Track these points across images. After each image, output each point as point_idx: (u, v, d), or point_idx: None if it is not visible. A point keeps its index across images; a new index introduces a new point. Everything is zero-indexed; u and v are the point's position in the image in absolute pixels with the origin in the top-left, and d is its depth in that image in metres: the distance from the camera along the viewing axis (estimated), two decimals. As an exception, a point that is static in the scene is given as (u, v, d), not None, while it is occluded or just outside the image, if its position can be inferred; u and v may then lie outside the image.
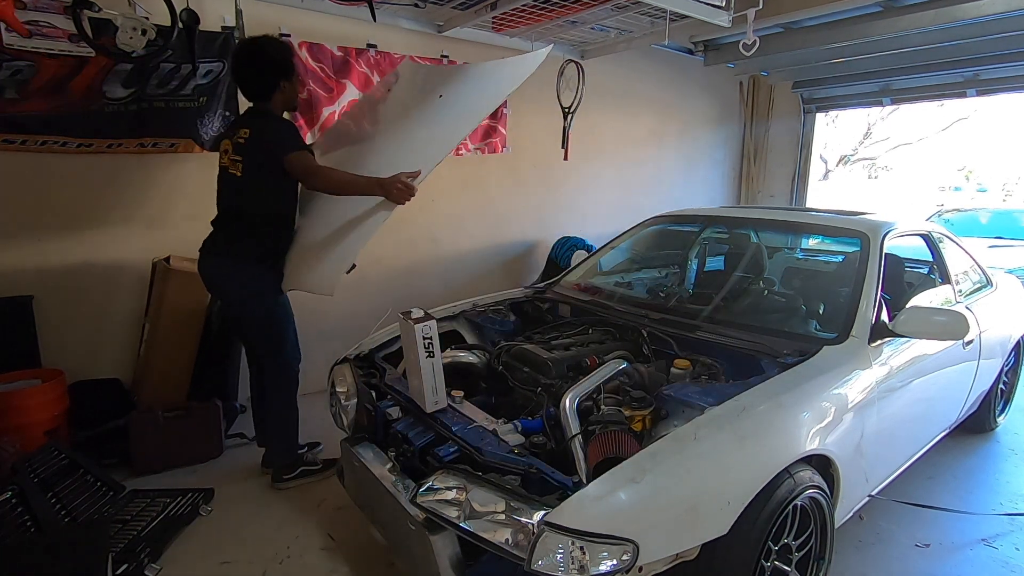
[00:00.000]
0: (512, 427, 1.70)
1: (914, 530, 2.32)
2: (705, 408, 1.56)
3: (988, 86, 5.31)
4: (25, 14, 2.46)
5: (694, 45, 4.99)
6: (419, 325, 1.76)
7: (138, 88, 2.80)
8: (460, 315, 2.54)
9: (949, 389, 2.45)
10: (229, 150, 2.31)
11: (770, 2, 3.33)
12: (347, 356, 2.25)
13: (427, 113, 2.51)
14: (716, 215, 3.02)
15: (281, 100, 2.36)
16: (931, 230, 2.72)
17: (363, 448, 1.92)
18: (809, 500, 1.61)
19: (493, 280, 4.46)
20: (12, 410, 2.40)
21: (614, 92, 4.93)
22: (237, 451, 2.87)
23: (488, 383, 2.18)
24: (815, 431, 1.63)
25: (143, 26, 2.45)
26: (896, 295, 2.44)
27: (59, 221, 2.78)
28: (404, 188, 2.18)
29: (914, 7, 3.76)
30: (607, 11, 3.42)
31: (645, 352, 2.10)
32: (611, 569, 1.25)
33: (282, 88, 2.33)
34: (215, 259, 2.36)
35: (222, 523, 2.31)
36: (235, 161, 2.27)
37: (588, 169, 4.97)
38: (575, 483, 1.41)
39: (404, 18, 3.59)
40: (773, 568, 1.57)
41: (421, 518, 1.50)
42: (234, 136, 2.29)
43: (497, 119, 4.25)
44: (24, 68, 2.55)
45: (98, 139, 2.77)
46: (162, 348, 2.80)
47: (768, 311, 2.34)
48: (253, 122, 2.30)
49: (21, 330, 2.67)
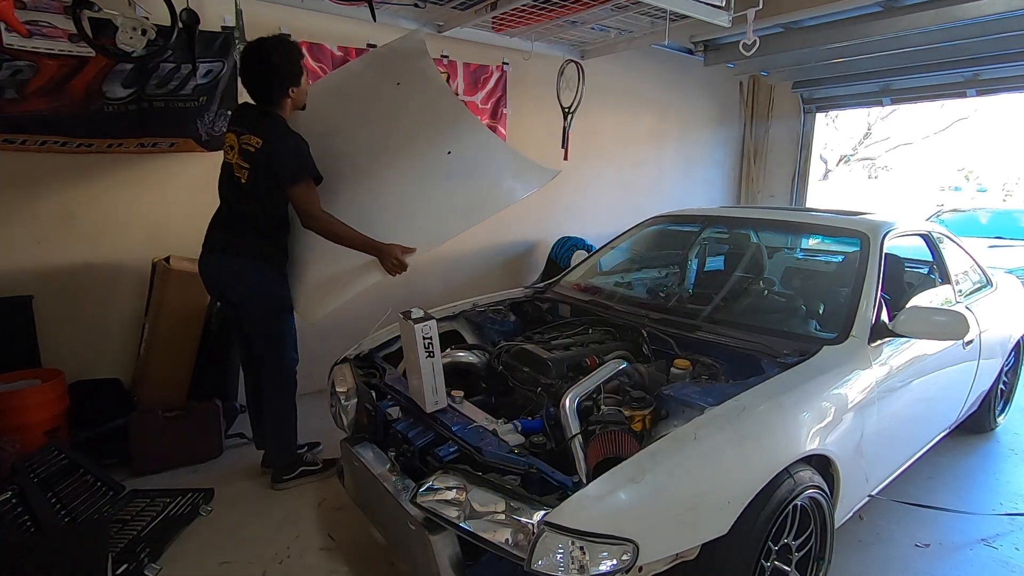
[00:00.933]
0: (512, 427, 1.70)
1: (914, 530, 2.32)
2: (705, 408, 1.56)
3: (988, 86, 5.30)
4: (25, 14, 2.46)
5: (694, 45, 4.99)
6: (419, 325, 1.76)
7: (138, 88, 2.79)
8: (460, 315, 2.54)
9: (949, 389, 2.45)
10: (235, 148, 2.25)
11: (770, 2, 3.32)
12: (347, 356, 2.25)
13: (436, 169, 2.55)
14: (716, 215, 3.02)
15: (290, 104, 2.32)
16: (931, 230, 2.72)
17: (363, 448, 1.92)
18: (809, 500, 1.61)
19: (493, 280, 4.45)
20: (12, 410, 2.40)
21: (614, 92, 4.93)
22: (237, 451, 2.87)
23: (488, 383, 2.18)
24: (815, 431, 1.63)
25: (143, 26, 2.45)
26: (896, 295, 2.44)
27: (59, 221, 2.78)
28: (397, 263, 2.25)
29: (914, 7, 3.76)
30: (607, 11, 3.42)
31: (645, 352, 2.10)
32: (611, 569, 1.25)
33: (291, 94, 2.29)
34: (220, 257, 2.33)
35: (222, 523, 2.31)
36: (241, 167, 2.24)
37: (588, 169, 4.96)
38: (575, 483, 1.41)
39: (404, 18, 3.58)
40: (773, 568, 1.57)
41: (421, 518, 1.50)
42: (241, 136, 2.23)
43: (497, 119, 4.25)
44: (24, 68, 2.55)
45: (98, 139, 2.77)
46: (162, 348, 2.79)
47: (768, 311, 2.34)
48: (263, 129, 2.22)
49: (21, 330, 2.67)
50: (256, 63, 2.22)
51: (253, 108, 2.30)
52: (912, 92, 5.88)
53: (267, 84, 2.23)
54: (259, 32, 3.06)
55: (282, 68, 2.23)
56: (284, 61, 2.23)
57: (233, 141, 2.27)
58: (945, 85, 5.56)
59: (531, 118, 4.42)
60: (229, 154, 2.29)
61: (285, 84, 2.25)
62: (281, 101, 2.28)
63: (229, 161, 2.29)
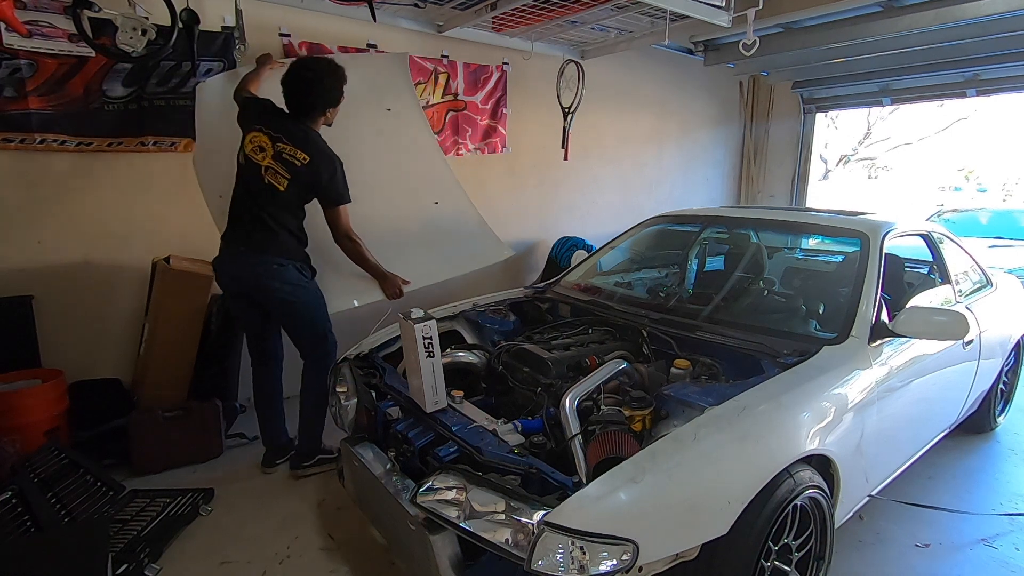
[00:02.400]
0: (512, 427, 1.70)
1: (914, 530, 2.32)
2: (705, 408, 1.56)
3: (988, 86, 5.30)
4: (25, 14, 2.47)
5: (694, 45, 4.99)
6: (419, 325, 1.76)
7: (138, 87, 2.80)
8: (460, 315, 2.54)
9: (949, 389, 2.45)
10: (268, 152, 2.31)
11: (770, 2, 3.33)
12: (347, 356, 2.25)
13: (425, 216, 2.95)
14: (716, 215, 3.02)
15: (322, 120, 2.45)
16: (931, 230, 2.72)
17: (363, 448, 1.92)
18: (809, 500, 1.61)
19: (493, 280, 4.46)
20: (12, 410, 2.40)
21: (614, 92, 4.93)
22: (237, 451, 2.87)
23: (488, 383, 2.18)
24: (815, 431, 1.63)
25: (143, 26, 2.45)
26: (896, 295, 2.44)
27: (59, 221, 2.78)
28: (397, 293, 2.58)
29: (914, 7, 3.76)
30: (607, 11, 3.42)
31: (645, 352, 2.10)
32: (611, 569, 1.25)
33: (327, 114, 2.43)
34: (252, 256, 2.36)
35: (222, 523, 2.31)
36: (280, 175, 2.31)
37: (588, 169, 4.97)
38: (575, 483, 1.41)
39: (404, 18, 3.59)
40: (773, 568, 1.57)
41: (421, 518, 1.50)
42: (278, 143, 2.31)
43: (497, 119, 4.25)
44: (24, 67, 2.55)
45: (98, 138, 2.77)
46: (162, 348, 2.79)
47: (768, 311, 2.34)
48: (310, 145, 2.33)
49: (21, 330, 2.67)
50: (308, 80, 2.34)
51: (286, 115, 2.40)
52: (912, 92, 5.89)
53: (312, 101, 2.37)
54: (259, 32, 3.09)
55: (331, 92, 2.39)
56: (334, 87, 2.39)
57: (264, 143, 2.33)
58: (945, 85, 5.56)
59: (531, 118, 4.42)
60: (258, 155, 2.33)
61: (327, 105, 2.41)
62: (317, 118, 2.41)
63: (258, 162, 2.33)
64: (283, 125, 2.35)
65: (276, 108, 2.42)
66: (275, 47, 3.22)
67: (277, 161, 2.31)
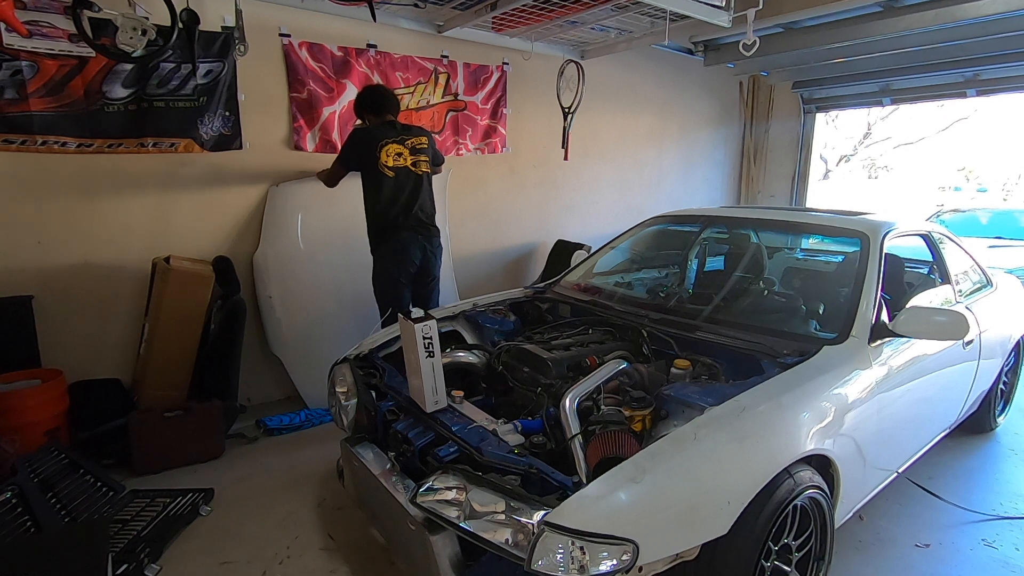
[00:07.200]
0: (512, 427, 1.70)
1: (914, 530, 2.32)
2: (705, 408, 1.56)
3: (988, 86, 5.30)
4: (25, 14, 2.46)
5: (694, 45, 4.99)
6: (419, 325, 1.76)
7: (138, 88, 2.80)
8: (460, 315, 2.54)
9: (949, 389, 2.45)
10: (404, 154, 2.89)
11: (770, 2, 3.33)
12: (347, 356, 2.25)
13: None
14: (716, 215, 3.02)
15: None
16: (931, 230, 2.72)
17: (363, 448, 1.92)
18: (809, 500, 1.61)
19: (493, 280, 4.46)
20: (12, 410, 2.40)
21: (614, 92, 4.93)
22: (237, 451, 2.87)
23: (488, 383, 2.18)
24: (815, 431, 1.63)
25: (143, 26, 2.45)
26: (896, 295, 2.43)
27: (59, 221, 2.78)
28: None
29: (914, 7, 3.76)
30: (607, 11, 3.42)
31: (645, 352, 2.10)
32: (611, 569, 1.25)
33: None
34: (428, 239, 3.00)
35: (222, 523, 2.31)
36: (421, 160, 2.96)
37: (588, 169, 4.96)
38: (575, 483, 1.42)
39: (404, 18, 3.59)
40: (773, 568, 1.57)
41: (421, 518, 1.50)
42: (407, 140, 2.92)
43: (497, 119, 4.25)
44: (24, 68, 2.55)
45: (98, 139, 2.77)
46: (162, 348, 2.79)
47: (768, 311, 2.34)
48: (417, 131, 3.02)
49: (21, 330, 2.67)
50: (393, 97, 3.07)
51: (392, 121, 2.97)
52: (912, 92, 5.89)
53: (398, 107, 3.09)
54: (259, 32, 3.10)
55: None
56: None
57: (399, 148, 2.88)
58: (945, 85, 5.56)
59: (531, 118, 4.42)
60: (398, 160, 2.87)
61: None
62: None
63: (401, 165, 2.88)
64: (396, 128, 2.95)
65: (388, 121, 2.94)
66: (275, 47, 3.23)
67: (418, 153, 2.94)
